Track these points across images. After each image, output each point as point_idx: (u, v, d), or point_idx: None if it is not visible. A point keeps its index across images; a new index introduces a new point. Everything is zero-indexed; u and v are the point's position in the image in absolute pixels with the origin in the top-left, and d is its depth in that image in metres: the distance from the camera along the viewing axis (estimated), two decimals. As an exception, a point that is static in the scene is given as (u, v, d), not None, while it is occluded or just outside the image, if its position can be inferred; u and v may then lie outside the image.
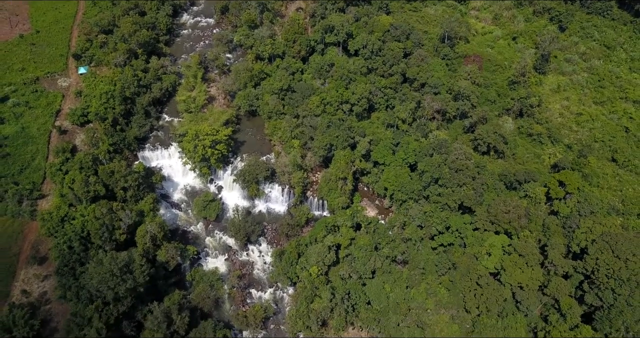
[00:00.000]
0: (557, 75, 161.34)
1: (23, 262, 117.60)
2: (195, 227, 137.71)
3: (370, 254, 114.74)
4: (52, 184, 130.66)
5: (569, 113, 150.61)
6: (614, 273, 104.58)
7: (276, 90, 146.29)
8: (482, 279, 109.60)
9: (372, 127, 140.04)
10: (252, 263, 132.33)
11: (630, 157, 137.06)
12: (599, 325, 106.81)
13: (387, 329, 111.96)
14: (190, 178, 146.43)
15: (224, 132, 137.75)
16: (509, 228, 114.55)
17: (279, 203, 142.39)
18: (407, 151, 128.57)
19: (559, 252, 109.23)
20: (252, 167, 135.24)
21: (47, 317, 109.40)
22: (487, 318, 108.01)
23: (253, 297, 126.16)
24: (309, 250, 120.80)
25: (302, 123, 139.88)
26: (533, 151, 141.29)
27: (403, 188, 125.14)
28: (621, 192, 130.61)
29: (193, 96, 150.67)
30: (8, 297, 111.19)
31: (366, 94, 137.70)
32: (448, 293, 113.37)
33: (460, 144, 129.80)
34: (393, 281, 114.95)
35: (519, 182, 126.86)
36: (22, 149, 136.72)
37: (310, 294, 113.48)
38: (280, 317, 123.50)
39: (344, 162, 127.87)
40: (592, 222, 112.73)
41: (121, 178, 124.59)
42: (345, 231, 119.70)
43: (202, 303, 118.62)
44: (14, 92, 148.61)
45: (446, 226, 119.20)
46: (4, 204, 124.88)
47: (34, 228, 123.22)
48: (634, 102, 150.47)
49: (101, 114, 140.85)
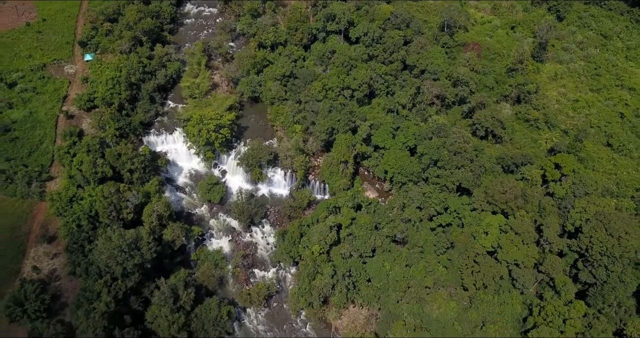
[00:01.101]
0: (554, 64, 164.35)
1: (33, 240, 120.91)
2: (199, 210, 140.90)
3: (370, 233, 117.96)
4: (60, 167, 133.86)
5: (566, 100, 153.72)
6: (607, 250, 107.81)
7: (278, 77, 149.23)
8: (479, 257, 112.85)
9: (373, 112, 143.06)
10: (255, 244, 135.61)
11: (625, 141, 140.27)
12: (592, 300, 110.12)
13: (387, 306, 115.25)
14: (195, 162, 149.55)
15: (228, 116, 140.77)
16: (505, 208, 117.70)
17: (282, 187, 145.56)
18: (407, 135, 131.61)
19: (554, 231, 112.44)
20: (255, 151, 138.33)
21: (57, 292, 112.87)
22: (484, 294, 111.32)
23: (256, 276, 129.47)
24: (311, 230, 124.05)
25: (304, 108, 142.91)
26: (530, 136, 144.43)
27: (403, 171, 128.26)
28: (616, 175, 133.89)
29: (197, 82, 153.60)
30: (19, 273, 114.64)
31: (367, 80, 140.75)
32: (446, 272, 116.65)
33: (458, 128, 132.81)
34: (393, 259, 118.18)
35: (516, 165, 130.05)
36: (30, 132, 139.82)
37: (313, 272, 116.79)
38: (283, 296, 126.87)
39: (345, 145, 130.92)
40: (586, 202, 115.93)
41: (128, 161, 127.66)
42: (346, 211, 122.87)
43: (206, 281, 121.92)
44: (22, 78, 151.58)
45: (444, 207, 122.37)
46: (14, 186, 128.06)
47: (43, 209, 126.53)
48: (630, 89, 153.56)
49: (107, 99, 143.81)
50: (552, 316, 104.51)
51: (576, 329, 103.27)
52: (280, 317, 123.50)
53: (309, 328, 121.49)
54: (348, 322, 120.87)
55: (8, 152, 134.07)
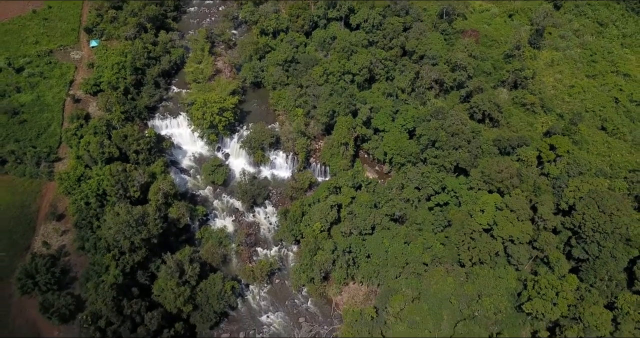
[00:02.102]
0: (551, 51, 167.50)
1: (42, 218, 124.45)
2: (203, 191, 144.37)
3: (369, 211, 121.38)
4: (67, 148, 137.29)
5: (562, 85, 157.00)
6: (599, 227, 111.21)
7: (280, 62, 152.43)
8: (475, 234, 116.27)
9: (373, 96, 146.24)
10: (258, 224, 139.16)
11: (619, 125, 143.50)
12: (585, 275, 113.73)
13: (385, 281, 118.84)
14: (199, 146, 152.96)
15: (231, 100, 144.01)
16: (501, 187, 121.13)
17: (284, 169, 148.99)
18: (406, 117, 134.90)
19: (548, 208, 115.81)
20: (257, 134, 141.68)
21: (66, 267, 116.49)
22: (480, 269, 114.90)
23: (259, 255, 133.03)
24: (312, 209, 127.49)
25: (306, 93, 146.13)
26: (526, 120, 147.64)
27: (402, 152, 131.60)
28: (609, 157, 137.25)
29: (201, 68, 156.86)
30: (29, 249, 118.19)
31: (367, 64, 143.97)
32: (443, 248, 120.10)
33: (456, 111, 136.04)
34: (391, 237, 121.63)
35: (512, 147, 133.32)
36: (38, 115, 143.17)
37: (314, 248, 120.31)
38: (285, 273, 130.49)
39: (345, 127, 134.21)
40: (580, 182, 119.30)
41: (134, 142, 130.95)
42: (346, 191, 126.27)
43: (210, 259, 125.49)
44: (29, 64, 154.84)
45: (442, 187, 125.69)
46: (23, 166, 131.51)
47: (52, 188, 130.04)
48: (625, 75, 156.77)
49: (113, 83, 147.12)
50: (546, 289, 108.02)
51: (568, 301, 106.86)
52: (283, 293, 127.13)
53: (310, 303, 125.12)
54: (348, 297, 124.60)
55: (17, 134, 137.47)
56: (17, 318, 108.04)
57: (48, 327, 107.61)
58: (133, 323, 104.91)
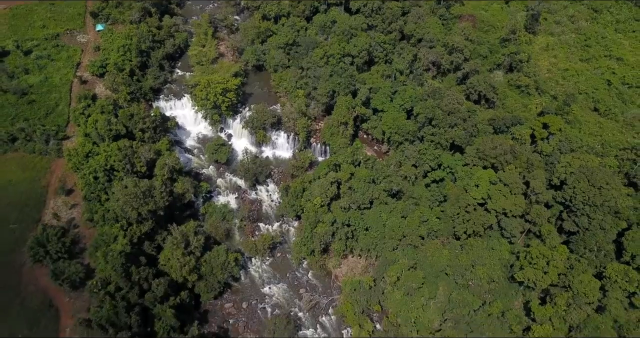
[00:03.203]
0: (546, 36, 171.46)
1: (52, 193, 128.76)
2: (207, 170, 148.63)
3: (368, 186, 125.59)
4: (75, 127, 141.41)
5: (556, 69, 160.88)
6: (589, 199, 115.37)
7: (282, 45, 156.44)
8: (470, 207, 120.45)
9: (372, 78, 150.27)
10: (260, 201, 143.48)
11: (611, 106, 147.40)
12: (575, 246, 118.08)
13: (383, 253, 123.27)
14: (202, 127, 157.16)
15: (234, 81, 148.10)
16: (495, 162, 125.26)
17: (285, 149, 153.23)
18: (404, 97, 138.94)
19: (540, 182, 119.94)
20: (259, 114, 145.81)
21: (76, 238, 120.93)
22: (474, 241, 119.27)
23: (261, 230, 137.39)
24: (312, 185, 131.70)
25: (307, 74, 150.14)
26: (521, 102, 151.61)
27: (399, 131, 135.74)
28: (601, 136, 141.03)
29: (204, 51, 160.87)
30: (40, 221, 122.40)
31: (366, 47, 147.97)
32: (439, 222, 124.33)
33: (453, 91, 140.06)
34: (389, 211, 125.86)
35: (507, 126, 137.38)
36: (47, 96, 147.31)
37: (314, 221, 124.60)
38: (286, 247, 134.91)
39: (345, 107, 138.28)
40: (571, 157, 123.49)
41: (140, 120, 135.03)
42: (345, 167, 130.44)
43: (214, 232, 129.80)
44: (37, 47, 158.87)
45: (438, 163, 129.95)
46: (32, 143, 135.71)
47: (61, 165, 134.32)
48: (618, 59, 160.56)
49: (119, 64, 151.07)
50: (537, 259, 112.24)
51: (559, 270, 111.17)
52: (284, 266, 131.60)
53: (311, 276, 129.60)
54: (347, 270, 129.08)
55: (26, 113, 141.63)
56: (29, 286, 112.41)
57: (59, 294, 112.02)
58: (141, 289, 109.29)
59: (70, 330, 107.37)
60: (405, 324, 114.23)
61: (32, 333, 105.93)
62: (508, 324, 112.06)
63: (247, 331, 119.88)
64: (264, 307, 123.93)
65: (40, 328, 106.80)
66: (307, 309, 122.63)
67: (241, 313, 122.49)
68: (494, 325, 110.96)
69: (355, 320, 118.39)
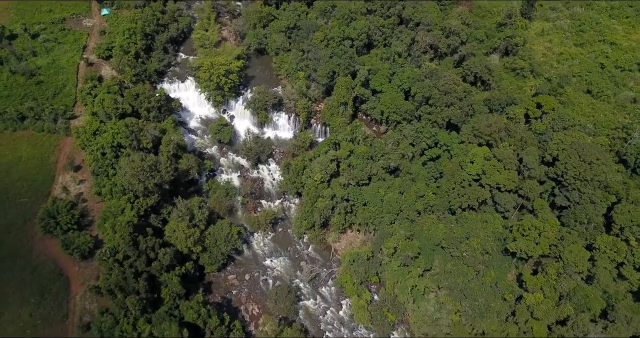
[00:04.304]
0: (542, 22, 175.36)
1: (60, 169, 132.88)
2: (210, 150, 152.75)
3: (366, 162, 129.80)
4: (82, 107, 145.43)
5: (551, 53, 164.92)
6: (579, 174, 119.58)
7: (283, 29, 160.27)
8: (465, 183, 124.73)
9: (371, 60, 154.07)
10: (262, 180, 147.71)
11: (604, 88, 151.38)
12: (566, 220, 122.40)
13: (381, 226, 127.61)
14: (205, 109, 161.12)
15: (236, 63, 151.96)
16: (490, 140, 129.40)
17: (286, 130, 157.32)
18: (402, 78, 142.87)
19: (533, 158, 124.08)
20: (261, 95, 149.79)
21: (84, 212, 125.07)
22: (469, 214, 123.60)
23: (263, 206, 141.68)
24: (313, 163, 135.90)
25: (307, 57, 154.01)
26: (516, 84, 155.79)
27: (398, 110, 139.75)
28: (593, 117, 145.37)
29: (207, 34, 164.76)
30: (49, 195, 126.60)
31: (366, 30, 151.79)
32: (435, 197, 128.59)
33: (450, 73, 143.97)
34: (387, 187, 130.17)
35: (502, 106, 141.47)
36: (54, 77, 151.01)
37: (314, 196, 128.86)
38: (287, 223, 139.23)
39: (345, 87, 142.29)
40: (563, 135, 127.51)
41: (145, 100, 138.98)
42: (345, 145, 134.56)
43: (218, 207, 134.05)
44: (44, 30, 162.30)
45: (435, 141, 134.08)
46: (41, 122, 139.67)
47: (69, 143, 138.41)
48: (611, 43, 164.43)
49: (125, 47, 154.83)
50: (529, 230, 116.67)
51: (550, 241, 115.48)
52: (285, 240, 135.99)
53: (311, 249, 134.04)
54: (346, 244, 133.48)
55: (34, 94, 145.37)
56: (40, 256, 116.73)
57: (68, 263, 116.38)
58: (148, 258, 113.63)
59: (80, 296, 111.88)
60: (402, 293, 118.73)
61: (44, 299, 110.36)
62: (501, 293, 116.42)
63: (250, 301, 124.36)
64: (265, 278, 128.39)
65: (51, 295, 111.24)
66: (307, 280, 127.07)
67: (244, 285, 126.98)
68: (487, 292, 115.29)
69: (353, 291, 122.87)
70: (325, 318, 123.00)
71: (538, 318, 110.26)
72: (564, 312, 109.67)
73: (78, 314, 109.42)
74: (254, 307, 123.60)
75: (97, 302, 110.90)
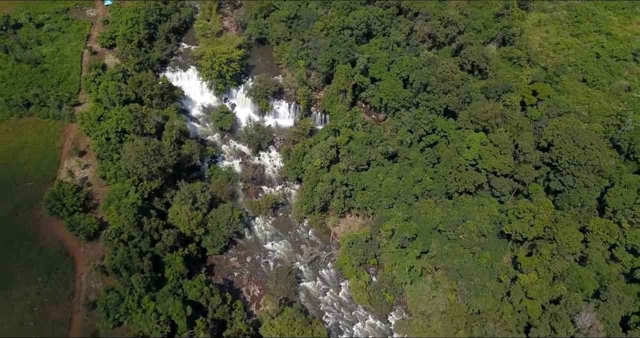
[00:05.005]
0: (539, 13, 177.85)
1: (65, 154, 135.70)
2: (212, 137, 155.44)
3: (365, 147, 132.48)
4: (86, 95, 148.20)
5: (548, 43, 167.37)
6: (573, 159, 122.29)
7: (284, 18, 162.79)
8: (462, 167, 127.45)
9: (370, 49, 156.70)
10: (263, 166, 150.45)
11: (599, 77, 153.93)
12: (560, 203, 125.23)
13: (379, 210, 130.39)
14: (207, 97, 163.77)
15: (238, 52, 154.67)
16: (486, 125, 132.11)
17: (286, 118, 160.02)
18: (400, 66, 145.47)
19: (528, 143, 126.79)
20: (262, 83, 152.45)
21: (89, 195, 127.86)
22: (465, 197, 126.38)
23: (264, 192, 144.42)
24: (313, 149, 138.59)
25: (307, 46, 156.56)
26: (513, 73, 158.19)
27: (396, 97, 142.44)
28: (588, 105, 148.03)
29: (209, 24, 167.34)
30: (55, 179, 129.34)
31: (365, 19, 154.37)
32: (432, 182, 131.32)
33: (447, 61, 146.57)
34: (385, 172, 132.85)
35: (498, 94, 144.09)
36: (58, 65, 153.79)
37: (314, 180, 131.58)
38: (288, 208, 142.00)
39: (344, 75, 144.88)
40: (558, 121, 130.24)
41: (148, 87, 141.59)
42: (344, 131, 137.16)
43: (220, 192, 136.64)
44: (48, 20, 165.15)
45: (432, 127, 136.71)
46: (47, 109, 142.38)
47: (73, 129, 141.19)
48: (607, 34, 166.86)
49: (128, 36, 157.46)
50: (524, 213, 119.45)
51: (544, 223, 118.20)
52: (286, 224, 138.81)
53: (311, 233, 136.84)
54: (345, 228, 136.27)
55: (39, 81, 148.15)
56: (47, 237, 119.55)
57: (74, 244, 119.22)
58: (152, 239, 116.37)
59: (85, 276, 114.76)
60: (399, 274, 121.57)
61: (50, 279, 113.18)
62: (497, 274, 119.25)
63: (251, 283, 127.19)
64: (266, 261, 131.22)
65: (57, 275, 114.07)
66: (307, 262, 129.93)
67: (245, 267, 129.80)
68: (482, 273, 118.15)
69: (352, 272, 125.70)
70: (324, 298, 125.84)
71: (532, 298, 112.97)
72: (557, 291, 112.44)
73: (84, 293, 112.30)
74: (255, 288, 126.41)
75: (102, 282, 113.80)
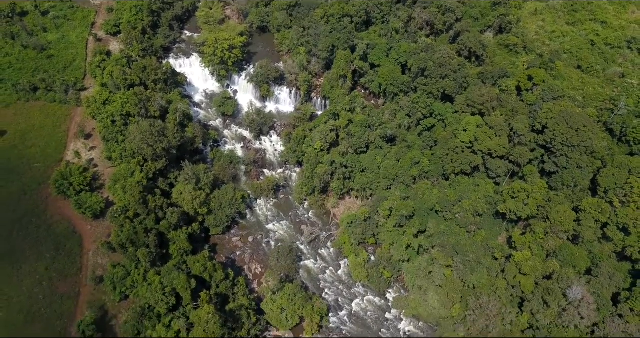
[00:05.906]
0: (535, 2, 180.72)
1: (72, 136, 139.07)
2: (214, 122, 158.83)
3: (364, 130, 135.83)
4: (91, 80, 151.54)
5: (544, 31, 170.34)
6: (567, 140, 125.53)
7: (285, 6, 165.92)
8: (458, 149, 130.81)
9: (370, 37, 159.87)
10: (265, 150, 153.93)
11: (594, 64, 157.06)
12: (554, 183, 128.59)
13: (378, 191, 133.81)
14: (210, 84, 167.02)
15: (240, 39, 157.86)
16: (482, 109, 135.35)
17: (287, 104, 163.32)
18: (399, 52, 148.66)
19: (523, 125, 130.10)
20: (264, 69, 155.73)
21: (95, 176, 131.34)
22: (462, 178, 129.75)
23: (266, 175, 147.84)
24: (313, 132, 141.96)
25: (308, 33, 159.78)
26: (509, 59, 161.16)
27: (395, 82, 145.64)
28: (583, 90, 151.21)
29: (212, 12, 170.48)
30: (62, 161, 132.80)
31: (364, 7, 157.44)
32: (429, 164, 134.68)
33: (445, 47, 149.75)
34: (384, 155, 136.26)
35: (495, 79, 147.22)
36: (64, 52, 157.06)
37: (315, 162, 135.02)
38: (289, 190, 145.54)
39: (344, 61, 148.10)
40: (552, 105, 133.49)
41: (152, 72, 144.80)
42: (344, 114, 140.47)
43: (222, 174, 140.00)
44: (53, 8, 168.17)
45: (430, 111, 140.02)
46: (53, 93, 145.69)
47: (79, 113, 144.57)
48: (602, 22, 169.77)
49: (132, 23, 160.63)
50: (518, 193, 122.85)
51: (537, 202, 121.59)
52: (287, 206, 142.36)
53: (311, 214, 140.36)
54: (344, 209, 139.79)
55: (46, 67, 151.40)
56: (55, 215, 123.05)
57: (81, 222, 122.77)
58: (156, 217, 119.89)
59: (92, 252, 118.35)
60: (397, 252, 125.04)
61: (58, 255, 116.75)
62: (492, 251, 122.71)
63: (253, 261, 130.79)
64: (268, 241, 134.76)
65: (65, 251, 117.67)
66: (308, 241, 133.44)
67: (247, 246, 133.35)
68: (478, 250, 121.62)
69: (351, 251, 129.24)
70: (324, 276, 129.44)
71: (526, 274, 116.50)
72: (550, 267, 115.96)
73: (91, 268, 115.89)
74: (256, 266, 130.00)
75: (108, 257, 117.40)
